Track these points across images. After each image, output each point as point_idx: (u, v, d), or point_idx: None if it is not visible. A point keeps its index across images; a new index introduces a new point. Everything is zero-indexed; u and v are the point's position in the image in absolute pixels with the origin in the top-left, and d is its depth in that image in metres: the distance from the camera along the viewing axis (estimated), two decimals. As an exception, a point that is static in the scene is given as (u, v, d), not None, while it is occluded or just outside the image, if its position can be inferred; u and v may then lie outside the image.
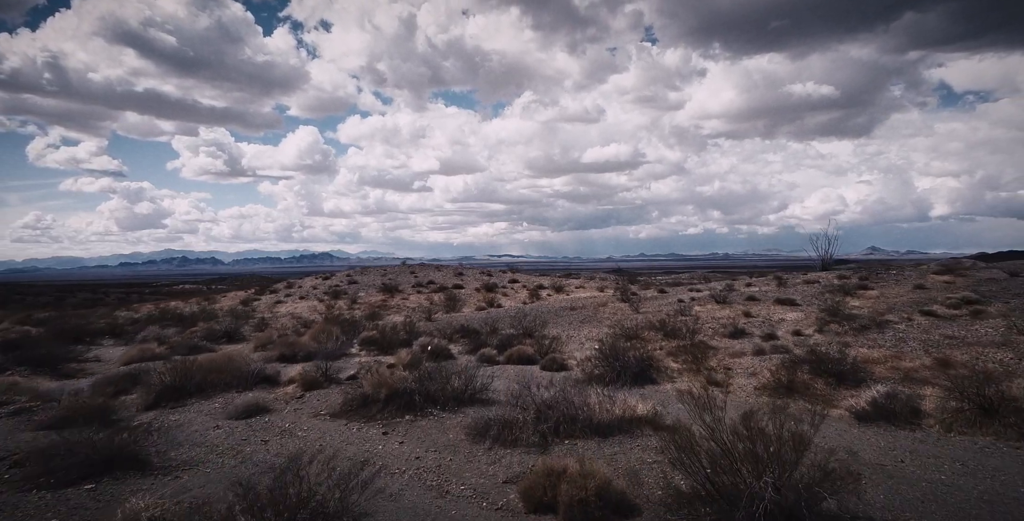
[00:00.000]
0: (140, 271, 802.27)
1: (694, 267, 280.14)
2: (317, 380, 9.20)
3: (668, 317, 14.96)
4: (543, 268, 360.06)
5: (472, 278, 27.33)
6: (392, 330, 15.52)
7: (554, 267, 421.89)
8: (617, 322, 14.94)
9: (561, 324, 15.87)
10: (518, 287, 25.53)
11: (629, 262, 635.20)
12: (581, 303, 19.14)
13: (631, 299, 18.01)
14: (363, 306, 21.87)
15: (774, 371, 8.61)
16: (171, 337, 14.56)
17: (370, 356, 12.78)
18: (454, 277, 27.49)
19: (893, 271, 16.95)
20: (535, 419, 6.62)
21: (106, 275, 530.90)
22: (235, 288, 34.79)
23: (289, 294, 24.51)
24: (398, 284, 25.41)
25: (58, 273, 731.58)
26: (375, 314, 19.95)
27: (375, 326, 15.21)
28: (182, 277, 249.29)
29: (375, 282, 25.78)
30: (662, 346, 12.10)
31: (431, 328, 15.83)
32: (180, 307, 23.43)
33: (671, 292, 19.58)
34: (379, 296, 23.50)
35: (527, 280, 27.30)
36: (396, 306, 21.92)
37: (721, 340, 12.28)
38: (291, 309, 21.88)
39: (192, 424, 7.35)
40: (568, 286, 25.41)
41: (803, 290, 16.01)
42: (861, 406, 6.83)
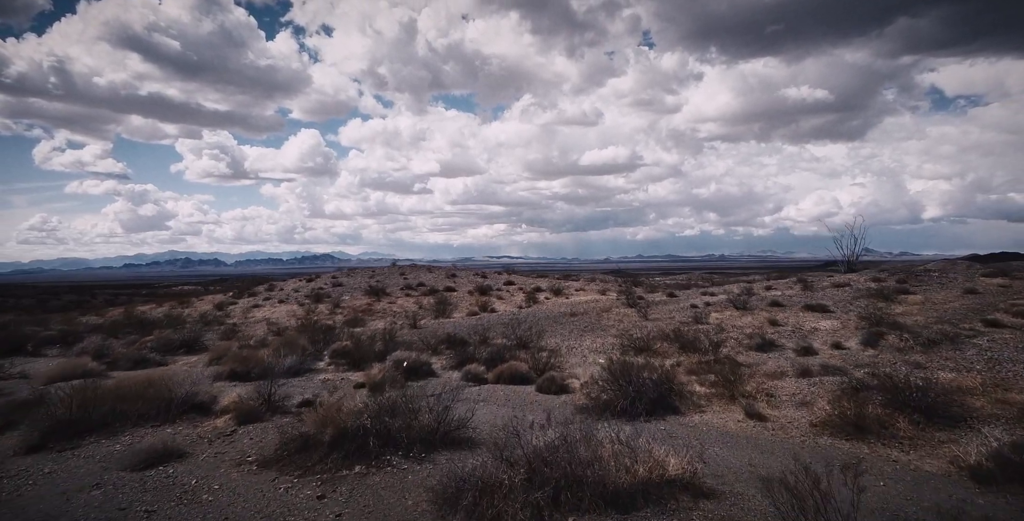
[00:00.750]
0: (144, 272, 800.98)
1: (691, 268, 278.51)
2: (255, 410, 7.25)
3: (683, 325, 13.05)
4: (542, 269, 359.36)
5: (465, 280, 25.42)
6: (369, 340, 13.59)
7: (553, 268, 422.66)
8: (624, 331, 13.03)
9: (560, 333, 13.95)
10: (514, 290, 23.66)
11: (626, 263, 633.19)
12: (582, 308, 17.22)
13: (638, 304, 16.09)
14: (346, 311, 19.94)
15: (833, 401, 6.67)
16: (117, 348, 12.59)
17: (338, 372, 10.85)
18: (446, 279, 25.56)
19: (934, 273, 15.02)
20: (526, 481, 4.69)
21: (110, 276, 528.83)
22: (224, 290, 32.79)
23: (268, 297, 22.57)
24: (385, 286, 23.47)
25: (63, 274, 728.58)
26: (357, 320, 18.02)
27: (350, 335, 13.27)
28: (185, 278, 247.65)
29: (362, 284, 23.87)
30: (680, 361, 10.17)
31: (414, 337, 13.90)
32: (148, 312, 21.48)
33: (681, 296, 17.67)
34: (364, 300, 21.58)
35: (524, 282, 25.40)
36: (381, 311, 20.00)
37: (749, 354, 10.36)
38: (268, 314, 19.95)
39: (65, 480, 5.42)
40: (567, 289, 23.53)
41: (833, 295, 14.10)
42: (975, 459, 4.86)
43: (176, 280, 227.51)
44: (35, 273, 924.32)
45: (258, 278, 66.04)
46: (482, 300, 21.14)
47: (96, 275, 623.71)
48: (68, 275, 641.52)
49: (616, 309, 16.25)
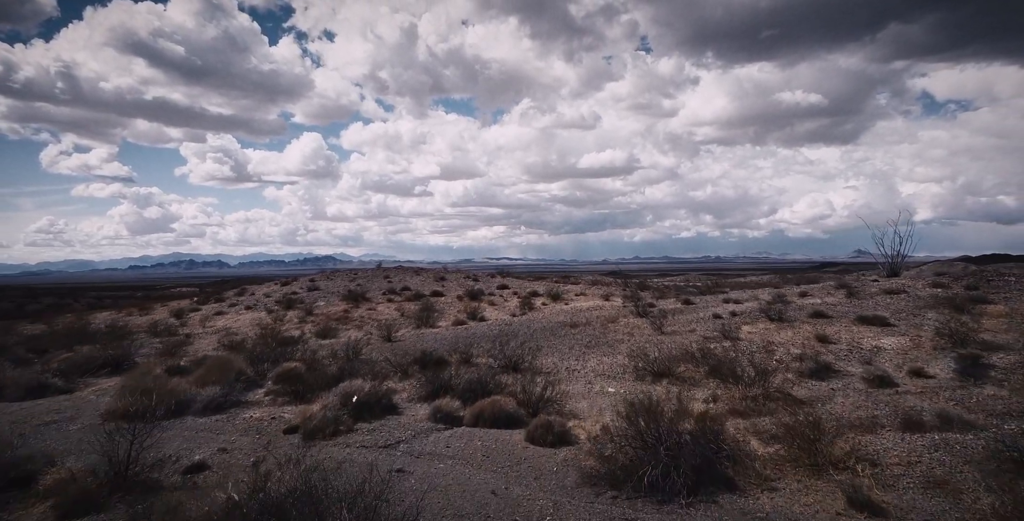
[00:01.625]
0: (148, 274, 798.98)
1: (688, 270, 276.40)
2: (92, 493, 4.70)
3: (709, 341, 10.51)
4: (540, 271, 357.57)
5: (455, 284, 22.90)
6: (329, 358, 11.04)
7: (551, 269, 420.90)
8: (637, 348, 10.50)
9: (559, 348, 11.42)
10: (508, 295, 21.17)
11: (624, 265, 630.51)
12: (584, 317, 14.71)
13: (650, 313, 13.55)
14: (318, 319, 17.42)
15: (990, 483, 4.13)
16: (7, 372, 10.00)
17: (275, 406, 8.32)
18: (434, 282, 23.04)
19: (1010, 277, 12.49)
20: None
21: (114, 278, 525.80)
22: (197, 293, 30.22)
23: (235, 304, 20.01)
24: (366, 291, 20.94)
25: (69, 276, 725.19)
26: (328, 330, 15.48)
27: (303, 353, 10.70)
28: (188, 279, 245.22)
29: (341, 289, 21.34)
30: (716, 394, 7.64)
31: (385, 354, 11.37)
32: (98, 320, 18.91)
33: (700, 303, 15.14)
34: (341, 306, 19.08)
35: (519, 286, 22.87)
36: (358, 318, 17.49)
37: (804, 383, 7.84)
38: (229, 323, 17.41)
39: None
40: (567, 293, 21.04)
41: (888, 303, 11.57)
42: None
43: (179, 281, 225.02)
44: (42, 274, 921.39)
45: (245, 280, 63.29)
46: (472, 306, 18.62)
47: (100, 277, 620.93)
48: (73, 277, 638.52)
49: (624, 319, 13.71)
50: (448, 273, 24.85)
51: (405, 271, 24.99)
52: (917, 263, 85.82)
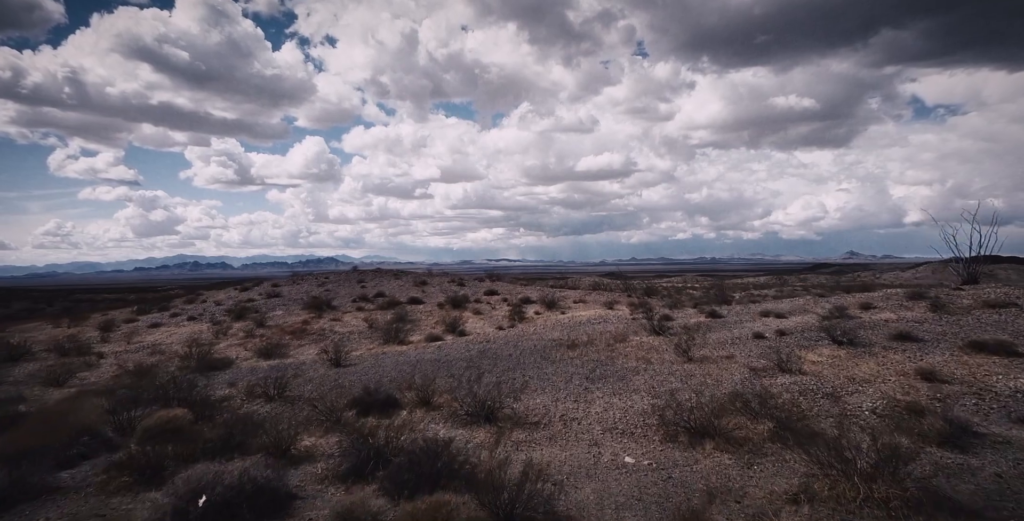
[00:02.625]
0: (153, 275, 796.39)
1: (685, 270, 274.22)
2: None
3: (759, 374, 7.43)
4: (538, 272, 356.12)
5: (437, 288, 19.83)
6: (243, 398, 7.95)
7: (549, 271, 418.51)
8: (660, 383, 7.46)
9: (552, 380, 8.34)
10: (496, 301, 18.11)
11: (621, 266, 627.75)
12: (585, 333, 11.66)
13: (668, 329, 10.48)
14: (270, 332, 14.37)
15: None
16: None
17: (103, 495, 5.22)
18: (414, 287, 19.97)
19: None
20: None
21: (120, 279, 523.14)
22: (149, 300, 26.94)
23: (178, 313, 16.89)
24: (334, 298, 17.85)
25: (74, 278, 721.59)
26: (274, 348, 12.41)
27: (190, 395, 7.54)
28: (192, 281, 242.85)
29: (305, 295, 18.24)
30: (808, 486, 4.55)
31: (322, 388, 8.30)
32: (12, 332, 15.81)
33: (730, 316, 12.05)
34: (301, 315, 16.04)
35: (510, 291, 19.75)
36: (317, 332, 14.44)
37: (930, 449, 4.76)
38: (162, 337, 14.35)
39: None
40: (564, 300, 17.98)
41: (997, 321, 8.49)
42: None
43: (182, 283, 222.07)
44: (49, 276, 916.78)
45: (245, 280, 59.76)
46: (453, 316, 15.58)
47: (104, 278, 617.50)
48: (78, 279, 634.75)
49: (635, 337, 10.64)
50: (432, 277, 21.77)
51: (383, 274, 21.86)
52: (908, 264, 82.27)
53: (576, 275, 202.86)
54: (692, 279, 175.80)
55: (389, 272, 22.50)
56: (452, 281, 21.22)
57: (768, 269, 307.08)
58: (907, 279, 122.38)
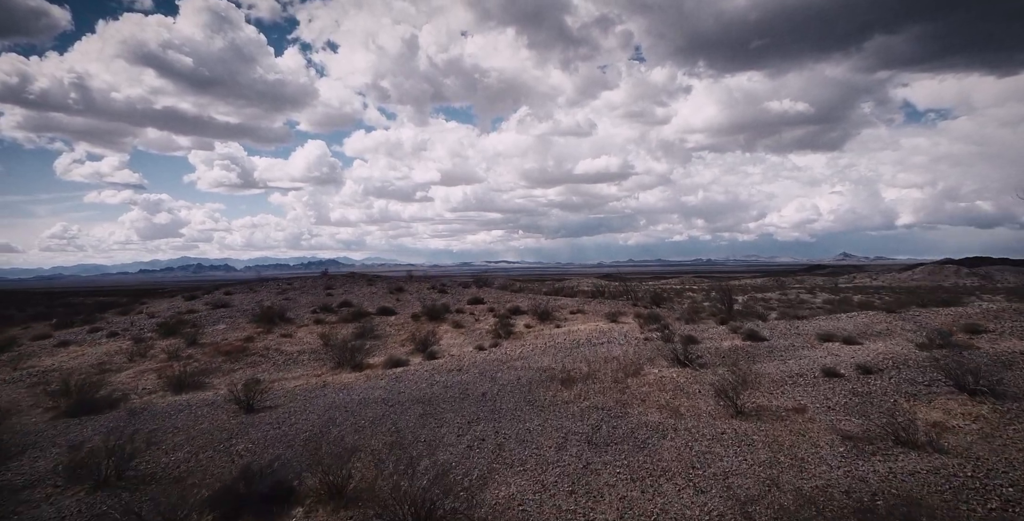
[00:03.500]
0: (157, 277, 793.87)
1: (681, 272, 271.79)
2: None
3: (866, 447, 4.55)
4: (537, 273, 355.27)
5: (415, 296, 16.94)
6: (51, 478, 5.11)
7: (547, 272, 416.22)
8: (701, 458, 4.59)
9: (537, 444, 5.45)
10: (481, 312, 15.26)
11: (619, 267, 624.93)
12: (584, 358, 8.82)
13: (695, 359, 7.64)
14: (204, 351, 11.53)
15: None
16: None
17: None
18: (388, 295, 17.08)
19: None
20: None
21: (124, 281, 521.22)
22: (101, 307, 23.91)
23: (99, 328, 13.95)
24: (289, 308, 14.96)
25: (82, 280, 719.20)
26: (194, 375, 9.56)
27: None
28: (196, 283, 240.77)
29: (259, 304, 15.29)
30: None
31: (193, 450, 5.49)
32: None
33: (775, 338, 9.12)
34: (247, 330, 13.19)
35: (498, 299, 16.82)
36: (260, 351, 11.61)
37: None
38: (67, 359, 11.51)
39: None
40: (559, 310, 15.13)
41: None
42: None
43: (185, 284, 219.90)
44: (55, 279, 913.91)
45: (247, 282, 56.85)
46: (427, 331, 12.75)
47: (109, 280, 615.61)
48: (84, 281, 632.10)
49: (652, 369, 7.78)
50: (411, 282, 18.84)
51: (356, 280, 18.88)
52: (899, 266, 78.03)
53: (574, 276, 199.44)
54: (690, 281, 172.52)
55: (363, 277, 19.49)
56: (433, 288, 18.32)
57: (764, 270, 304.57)
58: (904, 280, 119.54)
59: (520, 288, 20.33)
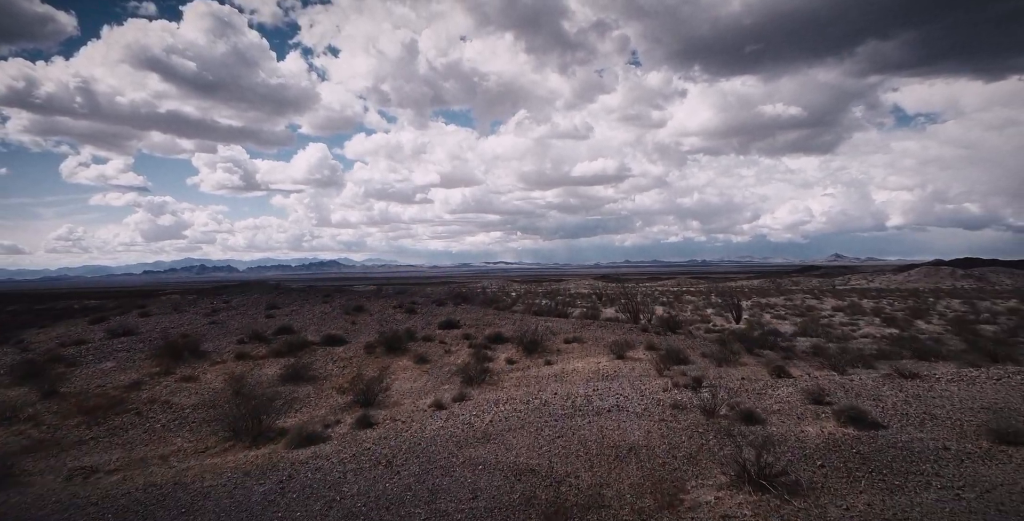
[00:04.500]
0: (161, 278, 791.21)
1: (677, 273, 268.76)
2: None
3: None
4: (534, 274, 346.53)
5: (375, 318, 13.46)
6: None
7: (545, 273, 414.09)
8: None
9: None
10: (454, 339, 11.86)
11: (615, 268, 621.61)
12: (583, 446, 5.42)
13: (777, 476, 4.25)
14: (64, 405, 8.17)
15: None
16: None
17: None
18: (344, 316, 13.64)
19: None
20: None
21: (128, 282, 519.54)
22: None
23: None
24: (211, 336, 11.46)
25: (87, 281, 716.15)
26: (24, 452, 6.21)
27: None
28: (199, 284, 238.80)
29: (172, 331, 11.85)
30: None
31: None
32: None
33: (891, 420, 5.59)
34: (145, 368, 9.82)
35: (476, 321, 13.30)
36: (144, 405, 8.24)
37: None
38: None
39: None
40: (550, 339, 11.67)
41: None
42: None
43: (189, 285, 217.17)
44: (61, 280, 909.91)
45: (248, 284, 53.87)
46: (379, 368, 9.40)
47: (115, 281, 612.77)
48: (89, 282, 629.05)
49: (704, 495, 4.42)
50: (375, 300, 15.34)
51: (311, 295, 15.23)
52: (891, 267, 72.84)
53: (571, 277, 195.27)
54: (686, 282, 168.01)
55: (319, 293, 16.03)
56: (400, 306, 14.79)
57: (759, 271, 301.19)
58: (901, 282, 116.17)
59: (506, 305, 16.90)
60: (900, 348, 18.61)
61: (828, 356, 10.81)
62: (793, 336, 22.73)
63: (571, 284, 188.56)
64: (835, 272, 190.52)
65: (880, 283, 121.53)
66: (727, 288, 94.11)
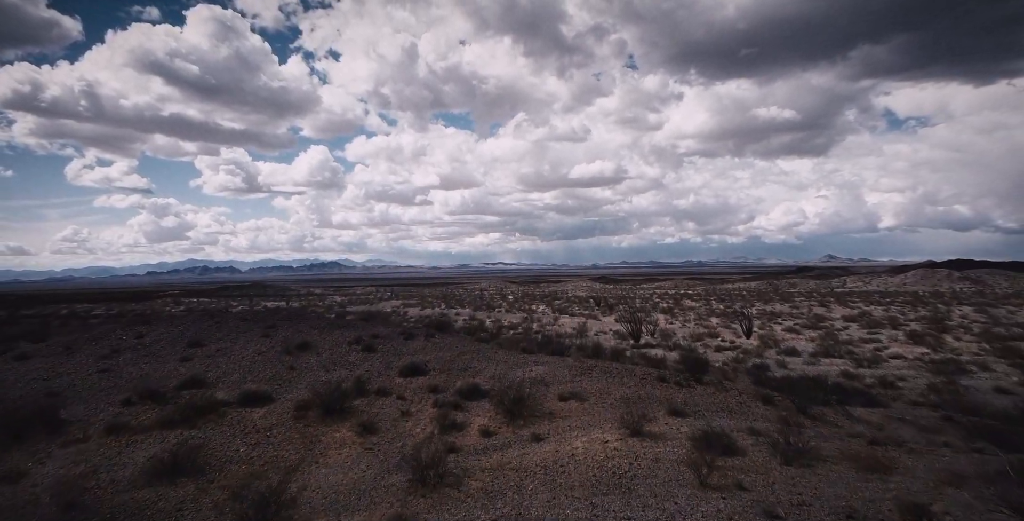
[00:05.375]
0: (164, 279, 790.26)
1: (674, 274, 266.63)
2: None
3: None
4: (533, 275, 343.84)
5: (323, 358, 10.21)
6: None
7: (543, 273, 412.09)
8: None
9: None
10: (417, 391, 8.75)
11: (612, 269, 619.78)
12: None
13: None
14: None
15: None
16: None
17: None
18: (283, 355, 10.34)
19: None
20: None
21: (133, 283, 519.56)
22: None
23: None
24: (82, 397, 8.36)
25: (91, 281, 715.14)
26: None
27: None
28: (202, 284, 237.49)
29: (33, 386, 8.72)
30: None
31: None
32: None
33: None
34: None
35: (449, 363, 10.12)
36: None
37: None
38: None
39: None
40: (544, 402, 8.63)
41: None
42: None
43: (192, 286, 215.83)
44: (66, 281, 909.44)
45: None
46: (304, 447, 6.36)
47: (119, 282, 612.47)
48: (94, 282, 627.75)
49: None
50: (329, 333, 11.86)
51: (247, 328, 11.69)
52: (884, 267, 69.25)
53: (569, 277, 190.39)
54: (684, 284, 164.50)
55: (264, 321, 12.59)
56: (357, 342, 11.42)
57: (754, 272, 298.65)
58: (898, 285, 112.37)
59: (489, 334, 13.78)
60: (944, 375, 15.69)
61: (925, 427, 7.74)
62: (815, 357, 19.82)
63: (569, 285, 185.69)
64: (830, 273, 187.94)
65: (877, 286, 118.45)
66: (727, 292, 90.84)
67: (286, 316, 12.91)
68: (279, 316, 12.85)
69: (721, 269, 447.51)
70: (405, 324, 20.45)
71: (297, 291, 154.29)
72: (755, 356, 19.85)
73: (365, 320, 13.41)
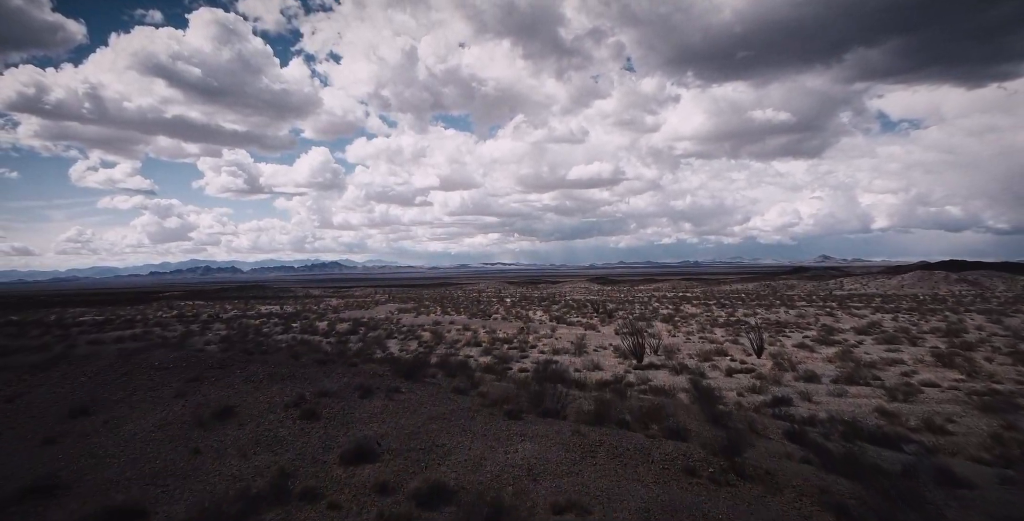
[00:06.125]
0: (167, 279, 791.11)
1: (671, 274, 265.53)
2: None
3: None
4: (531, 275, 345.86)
5: (243, 435, 7.78)
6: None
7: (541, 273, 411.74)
8: None
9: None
10: (359, 494, 6.40)
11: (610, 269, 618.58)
12: None
13: None
14: None
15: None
16: None
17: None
18: (193, 431, 7.78)
19: None
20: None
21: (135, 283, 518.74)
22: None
23: None
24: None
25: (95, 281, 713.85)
26: None
27: None
28: (203, 285, 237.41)
29: None
30: None
31: None
32: None
33: None
34: None
35: (409, 437, 7.67)
36: None
37: None
38: None
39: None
40: (527, 491, 6.28)
41: None
42: None
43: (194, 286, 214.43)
44: (70, 281, 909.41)
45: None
46: None
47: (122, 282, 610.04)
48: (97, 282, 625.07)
49: None
50: (267, 387, 9.24)
51: (173, 375, 9.11)
52: (880, 268, 67.29)
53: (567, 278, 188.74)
54: (681, 285, 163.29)
55: (187, 369, 9.74)
56: (297, 404, 8.69)
57: (750, 273, 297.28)
58: (896, 287, 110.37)
59: (471, 382, 11.14)
60: (995, 413, 13.47)
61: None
62: (838, 383, 17.63)
63: (567, 286, 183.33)
64: (825, 274, 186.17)
65: (875, 288, 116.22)
66: (726, 294, 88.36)
67: (217, 365, 10.22)
68: (210, 363, 10.22)
69: (717, 269, 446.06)
70: (381, 350, 17.80)
71: (296, 292, 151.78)
72: (772, 382, 17.74)
73: (322, 363, 10.84)
